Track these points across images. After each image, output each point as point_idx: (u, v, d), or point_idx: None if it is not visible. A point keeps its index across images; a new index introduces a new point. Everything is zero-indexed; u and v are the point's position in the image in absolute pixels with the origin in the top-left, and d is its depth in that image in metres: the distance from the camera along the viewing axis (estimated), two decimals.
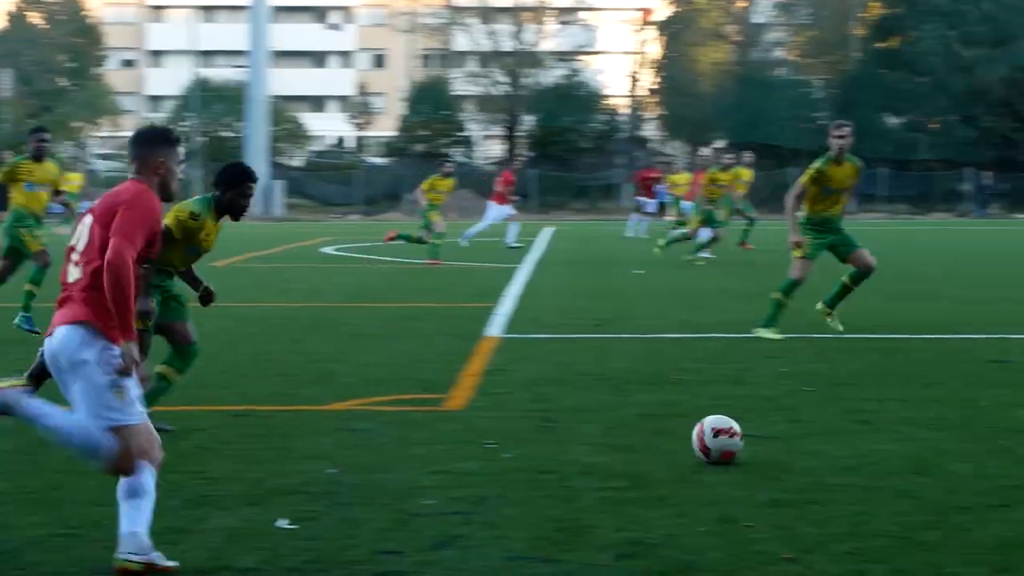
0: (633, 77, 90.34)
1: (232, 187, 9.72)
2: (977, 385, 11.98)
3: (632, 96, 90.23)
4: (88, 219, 6.52)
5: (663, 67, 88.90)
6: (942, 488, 8.03)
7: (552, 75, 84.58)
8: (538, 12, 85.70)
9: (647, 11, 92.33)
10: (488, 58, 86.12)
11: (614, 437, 9.59)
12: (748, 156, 34.77)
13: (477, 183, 67.24)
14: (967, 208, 74.37)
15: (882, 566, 6.45)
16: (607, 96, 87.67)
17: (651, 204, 43.60)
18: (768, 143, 77.40)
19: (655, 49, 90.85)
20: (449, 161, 32.71)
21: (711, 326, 16.61)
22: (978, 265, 29.90)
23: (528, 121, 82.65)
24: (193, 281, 9.90)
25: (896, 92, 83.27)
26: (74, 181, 37.15)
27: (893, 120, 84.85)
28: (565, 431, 9.85)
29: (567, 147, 79.41)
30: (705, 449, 8.61)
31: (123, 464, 6.35)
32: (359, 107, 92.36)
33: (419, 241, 28.74)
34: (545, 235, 41.99)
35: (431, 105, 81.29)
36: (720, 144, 31.50)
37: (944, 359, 13.83)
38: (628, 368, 12.98)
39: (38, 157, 16.05)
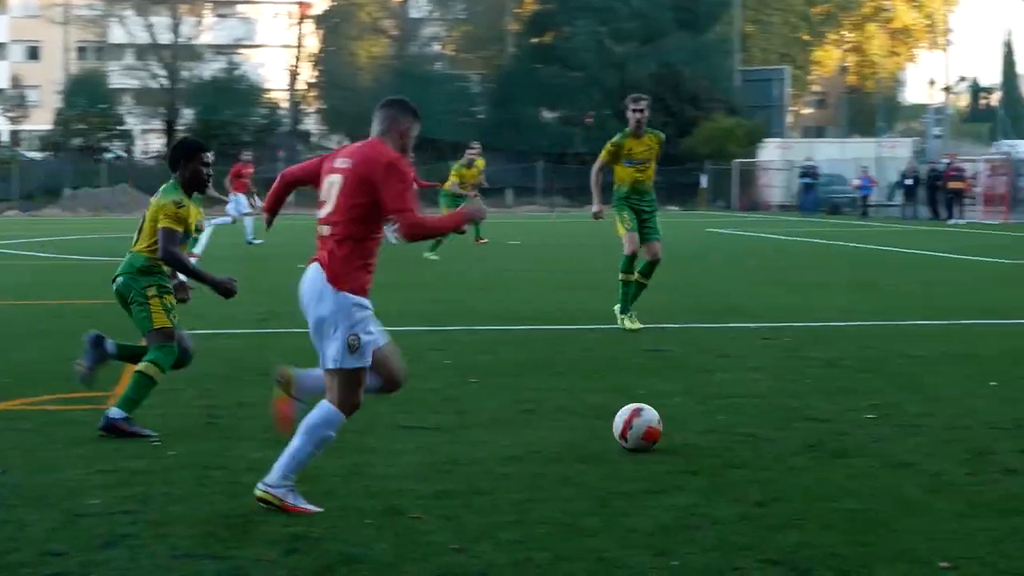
0: (292, 71, 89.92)
1: (190, 160, 9.72)
2: (635, 374, 12.32)
3: (292, 90, 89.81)
4: None
5: (322, 61, 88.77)
6: (602, 475, 8.23)
7: (211, 68, 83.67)
8: (196, 5, 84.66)
9: (305, 5, 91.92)
10: (145, 51, 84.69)
11: (276, 432, 9.51)
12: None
13: (137, 177, 66.02)
14: None
15: (546, 553, 6.58)
16: (267, 90, 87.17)
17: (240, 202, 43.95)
18: (427, 136, 77.96)
19: (313, 43, 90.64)
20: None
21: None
22: None
23: (188, 115, 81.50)
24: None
25: (551, 87, 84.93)
26: None
27: (549, 114, 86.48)
28: (231, 427, 9.77)
29: (228, 141, 78.56)
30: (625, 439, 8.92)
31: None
32: (13, 100, 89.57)
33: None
34: (207, 231, 41.37)
35: (88, 98, 79.47)
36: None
37: (604, 349, 14.17)
38: (292, 364, 12.90)
39: None
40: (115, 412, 9.44)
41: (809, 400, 10.85)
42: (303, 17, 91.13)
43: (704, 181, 74.63)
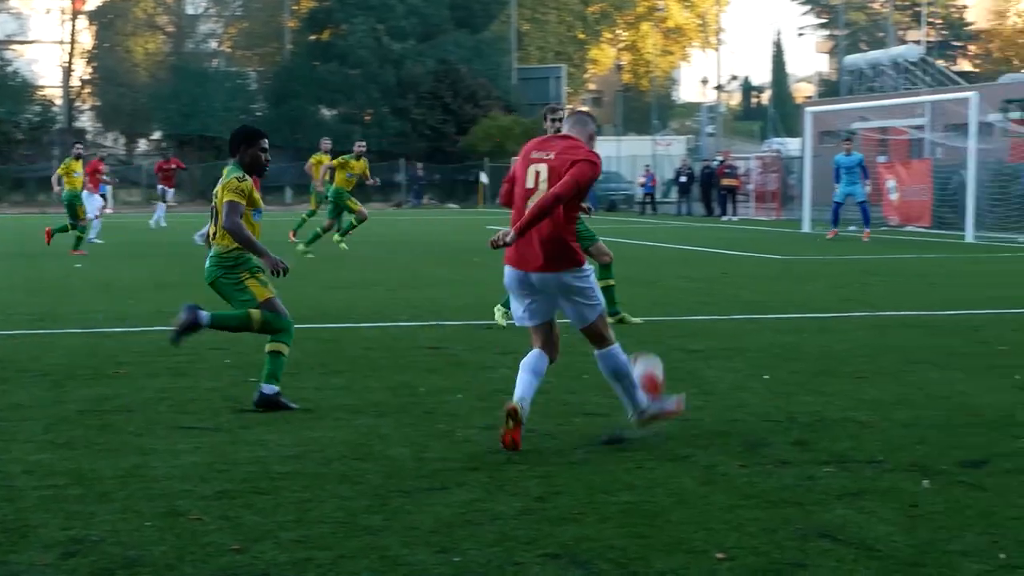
0: (66, 68, 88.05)
1: (250, 145, 10.53)
2: (416, 371, 12.35)
3: (66, 87, 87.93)
4: None
5: (96, 57, 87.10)
6: (383, 472, 8.24)
7: None
8: None
9: (78, 0, 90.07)
10: None
11: (55, 434, 9.37)
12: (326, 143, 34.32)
13: None
14: (402, 198, 76.40)
15: (327, 552, 6.57)
16: (41, 87, 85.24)
17: (171, 193, 45.21)
18: (206, 134, 77.23)
19: (87, 39, 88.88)
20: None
21: (149, 317, 16.45)
22: (414, 252, 30.76)
23: None
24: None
25: (330, 84, 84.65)
26: None
27: (328, 112, 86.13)
28: (5, 430, 9.55)
29: (1, 139, 76.77)
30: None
31: None
32: None
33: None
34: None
35: None
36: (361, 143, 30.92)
37: (383, 346, 14.17)
38: (67, 363, 12.72)
39: None
40: (268, 388, 10.38)
41: (588, 395, 10.99)
42: (76, 13, 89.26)
43: (484, 178, 75.03)
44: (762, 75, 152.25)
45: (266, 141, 10.75)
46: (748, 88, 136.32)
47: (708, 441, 9.12)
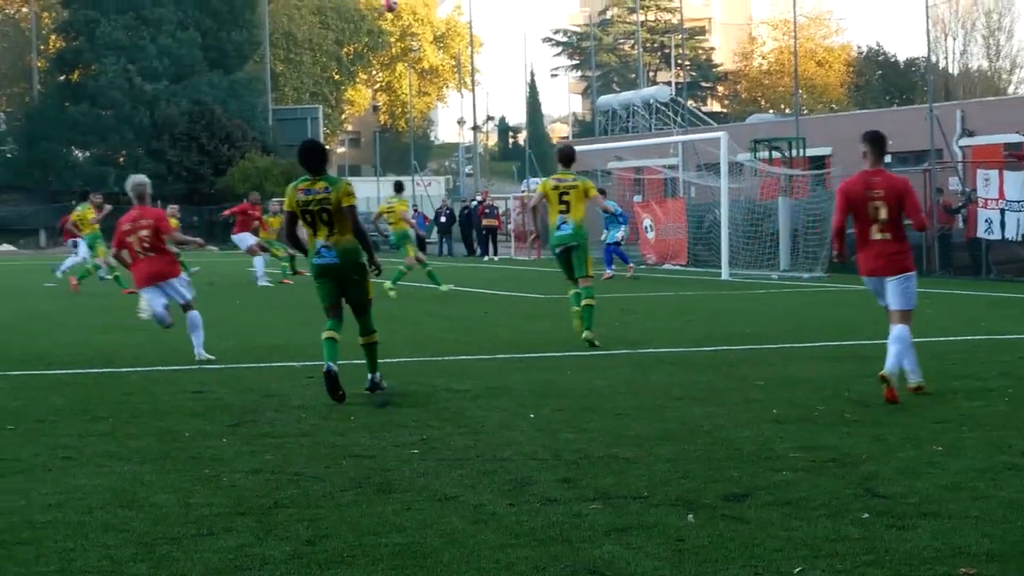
0: None
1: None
2: (179, 416, 12.17)
3: None
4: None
5: None
6: (149, 520, 8.10)
7: None
8: None
9: None
10: None
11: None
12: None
13: None
14: None
15: None
16: None
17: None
18: None
19: None
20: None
21: None
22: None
23: None
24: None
25: (82, 125, 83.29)
26: None
27: (81, 154, 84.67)
28: None
29: None
30: None
31: None
32: None
33: None
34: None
35: None
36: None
37: (145, 391, 13.94)
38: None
39: None
40: (377, 376, 13.53)
41: (355, 437, 10.96)
42: None
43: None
44: (518, 115, 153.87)
45: None
46: (504, 128, 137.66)
47: (476, 480, 9.15)
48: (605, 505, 8.34)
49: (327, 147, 13.50)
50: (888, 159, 19.64)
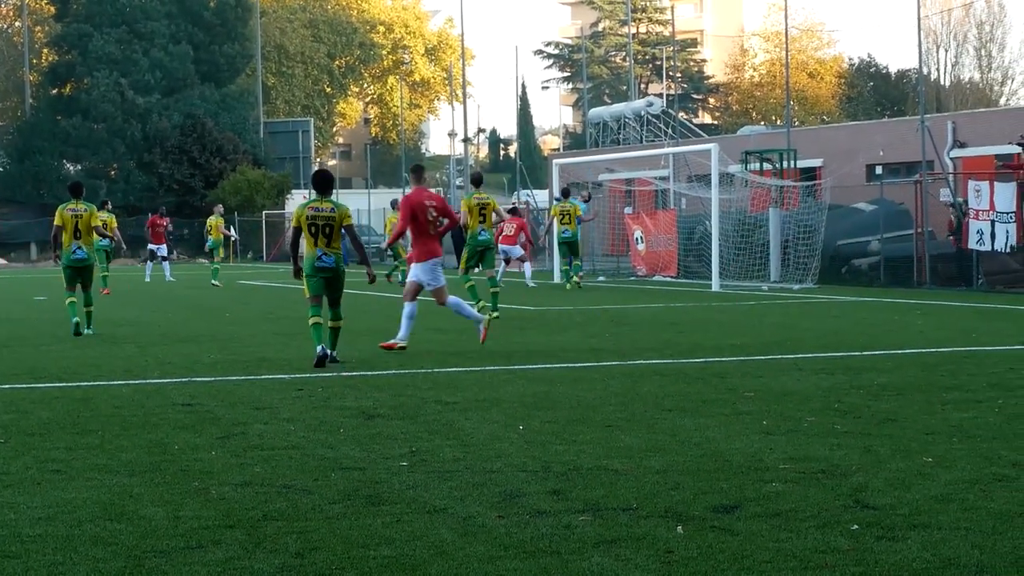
0: None
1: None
2: (169, 428, 12.15)
3: None
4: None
5: None
6: (137, 533, 8.08)
7: None
8: None
9: None
10: None
11: None
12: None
13: None
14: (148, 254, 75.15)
15: None
16: None
17: (163, 249, 47.98)
18: None
19: None
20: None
21: None
22: (164, 308, 30.32)
23: None
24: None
25: (74, 139, 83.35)
26: None
27: (73, 167, 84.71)
28: None
29: None
30: None
31: None
32: None
33: None
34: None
35: None
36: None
37: (135, 404, 13.91)
38: None
39: None
40: (335, 353, 17.24)
41: (344, 449, 10.94)
42: None
43: (234, 233, 74.31)
44: (509, 127, 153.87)
45: None
46: (495, 141, 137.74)
47: (465, 493, 9.14)
48: (594, 517, 8.34)
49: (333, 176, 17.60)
50: (878, 171, 19.91)
